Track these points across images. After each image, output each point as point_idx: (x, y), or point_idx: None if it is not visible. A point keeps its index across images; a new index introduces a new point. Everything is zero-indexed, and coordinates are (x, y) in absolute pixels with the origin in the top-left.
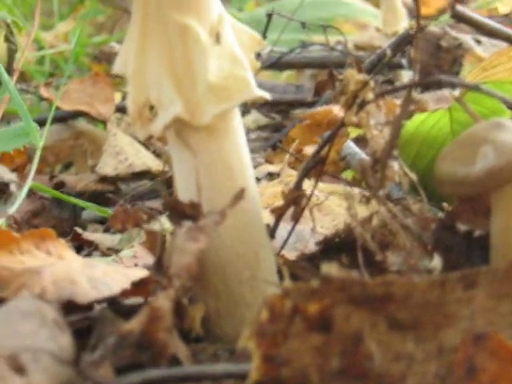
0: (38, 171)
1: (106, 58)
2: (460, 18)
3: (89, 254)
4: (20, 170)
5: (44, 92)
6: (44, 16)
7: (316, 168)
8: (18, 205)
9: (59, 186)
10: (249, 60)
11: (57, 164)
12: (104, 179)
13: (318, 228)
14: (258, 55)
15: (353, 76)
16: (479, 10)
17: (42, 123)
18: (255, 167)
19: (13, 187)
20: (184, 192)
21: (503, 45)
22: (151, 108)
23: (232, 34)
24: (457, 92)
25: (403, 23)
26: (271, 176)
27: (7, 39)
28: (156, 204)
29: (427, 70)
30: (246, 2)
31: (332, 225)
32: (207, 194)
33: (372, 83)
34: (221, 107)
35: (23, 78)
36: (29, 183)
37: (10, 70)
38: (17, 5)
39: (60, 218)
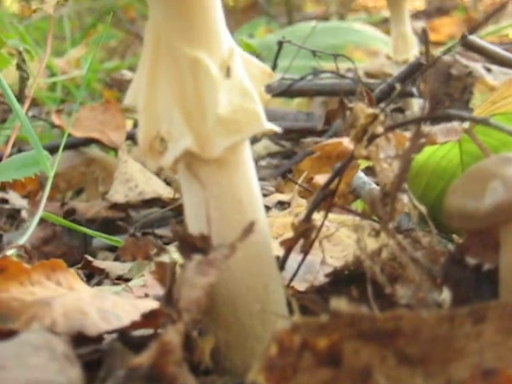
0: (50, 198)
1: (117, 84)
2: (471, 47)
3: (99, 283)
4: (31, 197)
5: (55, 119)
6: (56, 40)
7: (326, 200)
8: (28, 235)
9: (70, 212)
10: (258, 92)
11: (68, 190)
12: (115, 206)
13: (327, 258)
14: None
15: (362, 110)
16: (490, 36)
17: (53, 150)
18: (265, 196)
19: (24, 213)
20: (194, 223)
21: None
22: (161, 140)
23: (242, 67)
24: (466, 124)
25: (414, 51)
26: (281, 205)
27: (19, 67)
28: (166, 231)
29: (437, 98)
30: (256, 29)
31: (342, 255)
32: (217, 226)
33: (382, 117)
34: (231, 140)
35: (35, 103)
36: (40, 213)
37: (21, 97)
38: (29, 31)
39: (71, 245)
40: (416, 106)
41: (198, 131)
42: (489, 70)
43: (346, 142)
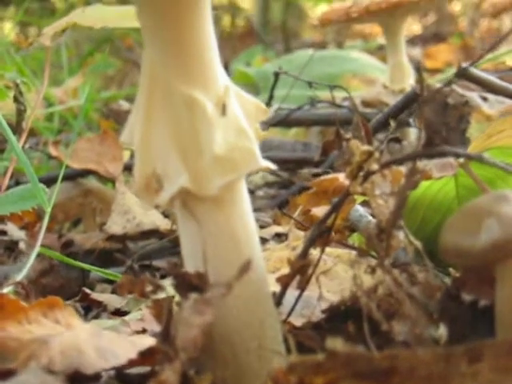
0: (47, 229)
1: (114, 115)
2: (467, 77)
3: (97, 316)
4: (29, 228)
5: (53, 151)
6: (53, 69)
7: (322, 236)
8: (26, 271)
9: (68, 244)
10: (254, 129)
11: (66, 221)
12: (112, 238)
13: (324, 293)
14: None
15: (357, 147)
16: (487, 63)
17: (51, 181)
18: (263, 228)
19: (22, 245)
20: (190, 260)
21: (510, 101)
22: (157, 178)
23: (237, 104)
24: (462, 158)
25: (410, 80)
26: (279, 237)
27: (16, 100)
28: (164, 263)
29: (434, 127)
30: (253, 57)
31: (339, 289)
32: (213, 263)
33: (376, 154)
34: (227, 178)
35: (32, 133)
36: (37, 247)
37: (19, 129)
38: (26, 61)
39: (68, 277)
40: (413, 135)
41: (194, 169)
42: (485, 99)
43: (342, 178)
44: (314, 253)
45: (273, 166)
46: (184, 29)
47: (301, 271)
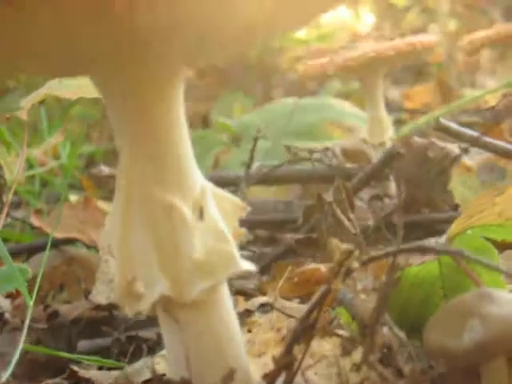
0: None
1: (94, 180)
2: (445, 131)
3: None
4: (15, 297)
5: (35, 221)
6: (31, 128)
7: (305, 333)
8: (11, 370)
9: (53, 315)
10: (232, 227)
11: (50, 290)
12: (98, 307)
13: (312, 376)
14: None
15: (338, 246)
16: (468, 104)
17: (34, 250)
18: (248, 297)
19: (7, 316)
20: (174, 365)
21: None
22: (138, 285)
23: (214, 205)
24: (443, 239)
25: (389, 133)
26: (264, 307)
27: None
28: (151, 334)
29: (415, 181)
30: (232, 105)
31: (326, 372)
32: (197, 368)
33: (357, 252)
34: (206, 284)
35: (13, 197)
36: (20, 346)
37: None
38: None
39: (55, 349)
40: (393, 188)
41: (174, 276)
42: (465, 151)
43: (324, 268)
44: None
45: (253, 268)
46: (155, 129)
47: (286, 367)
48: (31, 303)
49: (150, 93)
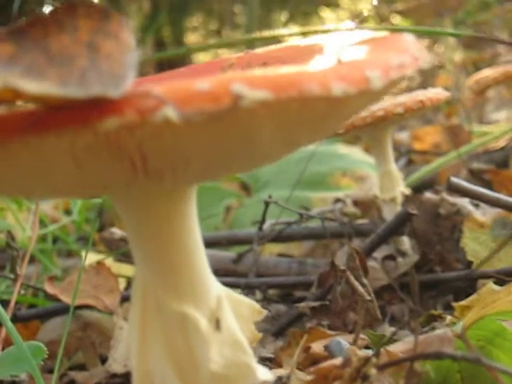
0: (47, 367)
1: (106, 243)
2: (456, 190)
3: None
4: None
5: (49, 288)
6: None
7: None
8: None
9: None
10: (249, 331)
11: (65, 357)
12: (115, 375)
13: None
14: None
15: (355, 353)
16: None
17: (48, 315)
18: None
19: None
20: None
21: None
22: None
23: (230, 313)
24: (459, 327)
25: (400, 187)
26: (280, 380)
27: (8, 245)
28: None
29: (427, 238)
30: None
31: None
32: None
33: (374, 359)
34: None
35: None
36: None
37: (13, 274)
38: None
39: None
40: (407, 243)
41: None
42: (477, 206)
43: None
44: None
45: (270, 378)
46: (169, 244)
47: None
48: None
49: (163, 210)
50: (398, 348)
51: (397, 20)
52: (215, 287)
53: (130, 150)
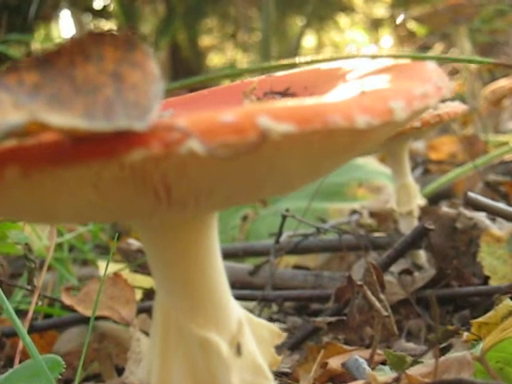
0: (63, 380)
1: (123, 254)
2: (474, 205)
3: None
4: None
5: (65, 299)
6: None
7: None
8: None
9: None
10: (269, 354)
11: (82, 368)
12: None
13: None
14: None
15: (375, 378)
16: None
17: (64, 325)
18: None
19: None
20: None
21: None
22: None
23: (251, 337)
24: (478, 349)
25: (417, 200)
26: None
27: (26, 257)
28: None
29: (444, 253)
30: None
31: None
32: None
33: None
34: None
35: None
36: None
37: (31, 285)
38: None
39: None
40: (424, 257)
41: None
42: (494, 220)
43: None
44: None
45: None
46: (191, 269)
47: None
48: None
49: (185, 236)
50: (418, 371)
51: (412, 25)
52: (236, 311)
53: (154, 181)
